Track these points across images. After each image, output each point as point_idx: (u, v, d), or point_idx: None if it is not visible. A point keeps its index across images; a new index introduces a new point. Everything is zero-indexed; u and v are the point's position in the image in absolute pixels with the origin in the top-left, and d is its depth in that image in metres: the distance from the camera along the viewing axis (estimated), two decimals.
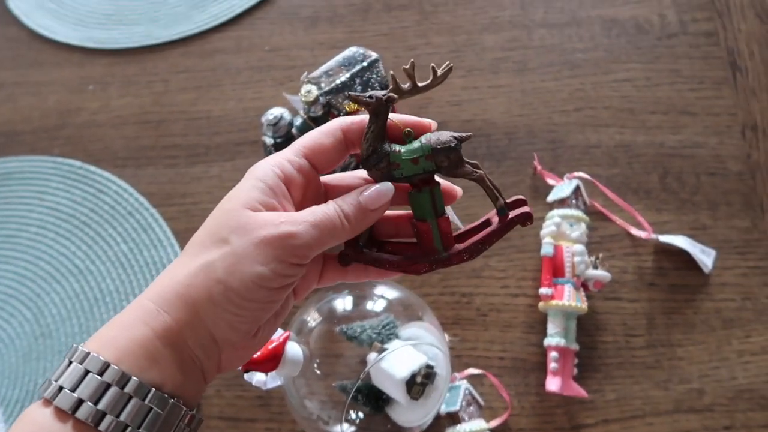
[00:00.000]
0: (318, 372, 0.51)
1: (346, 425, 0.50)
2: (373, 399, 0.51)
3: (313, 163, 0.31)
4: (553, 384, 0.50)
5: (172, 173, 0.66)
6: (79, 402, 0.25)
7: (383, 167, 0.30)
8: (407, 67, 0.29)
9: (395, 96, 0.29)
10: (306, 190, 0.31)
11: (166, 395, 0.26)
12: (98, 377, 0.25)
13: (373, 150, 0.29)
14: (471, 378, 0.53)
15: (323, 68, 0.56)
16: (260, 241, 0.27)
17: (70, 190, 0.66)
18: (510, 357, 0.54)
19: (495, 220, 0.31)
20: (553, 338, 0.51)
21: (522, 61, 0.65)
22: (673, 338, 0.53)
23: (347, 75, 0.54)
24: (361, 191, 0.30)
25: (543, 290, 0.52)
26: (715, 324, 0.53)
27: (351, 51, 0.56)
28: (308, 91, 0.53)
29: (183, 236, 0.63)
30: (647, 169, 0.59)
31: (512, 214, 0.30)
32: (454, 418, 0.50)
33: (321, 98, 0.54)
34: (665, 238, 0.55)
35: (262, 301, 0.28)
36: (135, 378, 0.26)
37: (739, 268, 0.55)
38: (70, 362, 0.26)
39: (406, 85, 0.30)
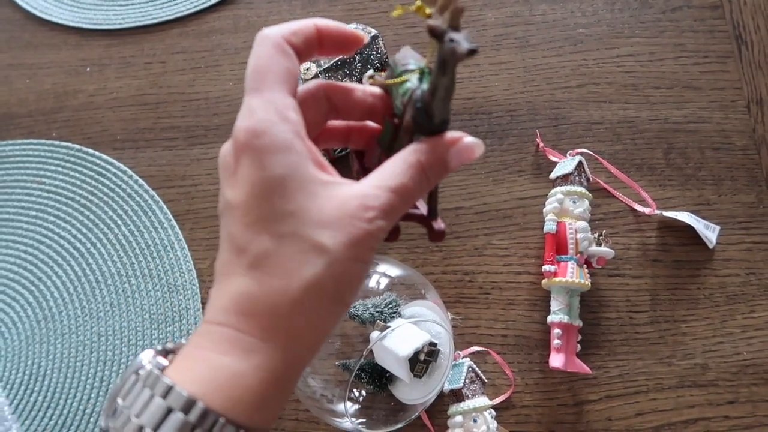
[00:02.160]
0: (321, 350, 0.51)
1: (348, 403, 0.50)
2: (377, 377, 0.52)
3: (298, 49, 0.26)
4: (556, 360, 0.50)
5: (171, 155, 0.65)
6: None
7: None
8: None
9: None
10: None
11: None
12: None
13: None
14: (474, 356, 0.53)
15: None
16: (354, 242, 0.23)
17: (69, 174, 0.65)
18: (513, 335, 0.54)
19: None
20: (557, 315, 0.51)
21: (523, 37, 0.64)
22: (676, 314, 0.53)
23: None
24: (450, 145, 0.25)
25: (546, 267, 0.52)
26: (719, 299, 0.53)
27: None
28: (307, 69, 0.53)
29: (183, 218, 0.63)
30: (651, 145, 0.58)
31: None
32: (457, 396, 0.50)
33: (320, 76, 0.53)
34: (669, 214, 0.54)
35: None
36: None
37: (743, 243, 0.54)
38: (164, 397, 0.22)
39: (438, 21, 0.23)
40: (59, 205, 0.64)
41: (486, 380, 0.52)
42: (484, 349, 0.53)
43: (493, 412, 0.50)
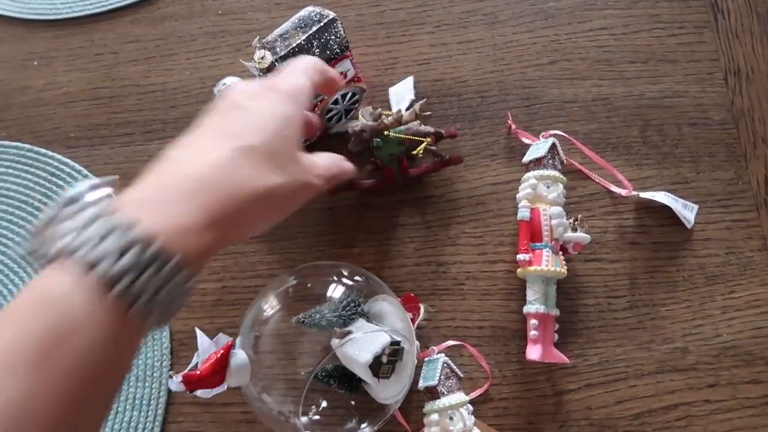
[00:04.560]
0: (278, 367, 0.49)
1: (306, 418, 0.48)
2: (346, 381, 0.50)
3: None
4: (533, 353, 0.48)
5: (128, 152, 0.62)
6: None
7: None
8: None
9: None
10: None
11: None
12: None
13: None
14: (449, 350, 0.52)
15: (277, 32, 0.52)
16: (305, 184, 0.36)
17: (20, 175, 0.62)
18: (489, 326, 0.53)
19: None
20: (533, 305, 0.49)
21: (492, 13, 0.61)
22: (655, 298, 0.52)
23: (303, 37, 0.50)
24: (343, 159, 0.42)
25: (520, 256, 0.50)
26: (699, 281, 0.52)
27: (306, 11, 0.52)
28: (262, 57, 0.50)
29: None
30: (627, 123, 0.56)
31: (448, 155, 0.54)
32: (432, 393, 0.48)
33: (276, 63, 0.50)
34: (646, 195, 0.53)
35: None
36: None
37: (723, 222, 0.53)
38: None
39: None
40: (11, 209, 0.61)
41: (462, 375, 0.50)
42: (459, 342, 0.52)
43: (470, 408, 0.49)
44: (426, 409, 0.48)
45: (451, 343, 0.52)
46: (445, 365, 0.49)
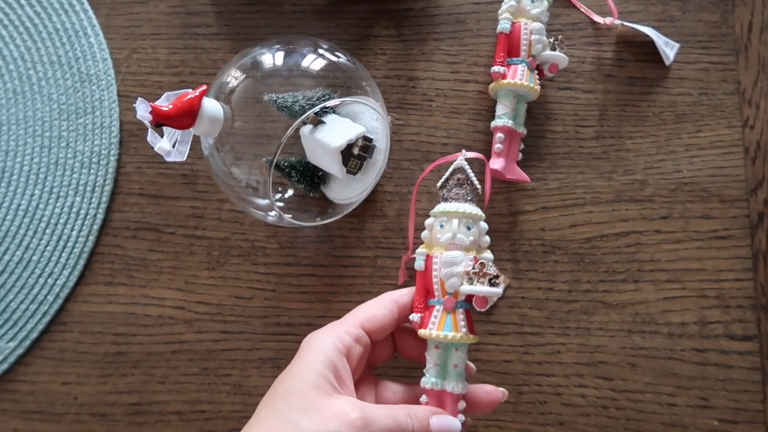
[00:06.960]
0: (244, 142, 0.47)
1: (276, 196, 0.47)
2: (309, 176, 0.48)
3: (368, 332, 0.37)
4: (496, 164, 0.48)
5: None
6: None
7: None
8: None
9: None
10: (362, 357, 0.36)
11: None
12: None
13: None
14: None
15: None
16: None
17: None
18: (454, 143, 0.51)
19: None
20: (501, 119, 0.48)
21: None
22: (623, 130, 0.51)
23: None
24: (433, 412, 0.35)
25: (495, 68, 0.48)
26: (668, 118, 0.51)
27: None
28: None
29: (99, 2, 0.55)
30: None
31: None
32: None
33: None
34: (630, 24, 0.51)
35: None
36: None
37: (700, 63, 0.52)
38: None
39: None
40: None
41: (479, 187, 0.42)
42: (480, 156, 0.44)
43: (483, 225, 0.41)
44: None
45: (471, 154, 0.43)
46: (460, 169, 0.42)
